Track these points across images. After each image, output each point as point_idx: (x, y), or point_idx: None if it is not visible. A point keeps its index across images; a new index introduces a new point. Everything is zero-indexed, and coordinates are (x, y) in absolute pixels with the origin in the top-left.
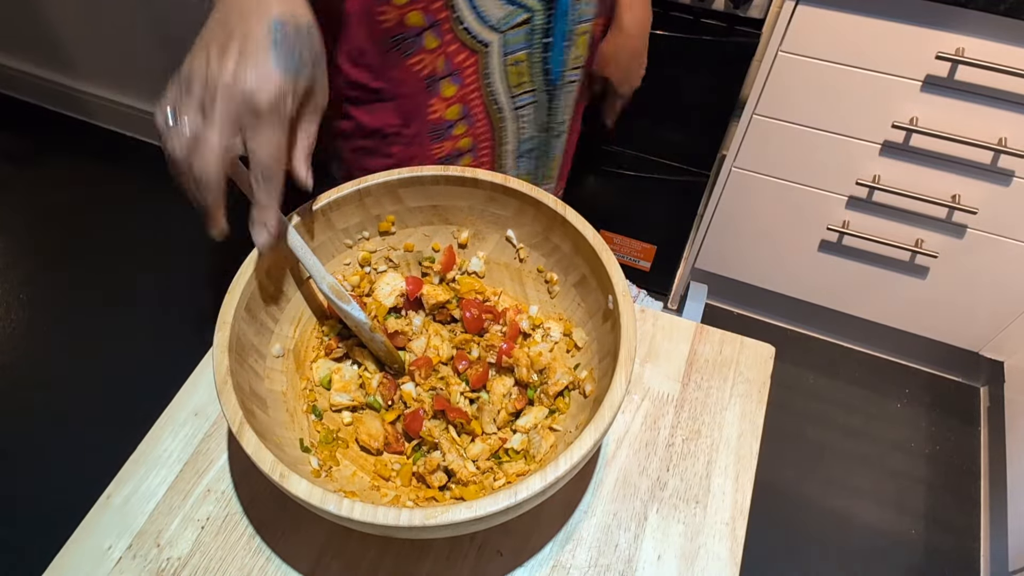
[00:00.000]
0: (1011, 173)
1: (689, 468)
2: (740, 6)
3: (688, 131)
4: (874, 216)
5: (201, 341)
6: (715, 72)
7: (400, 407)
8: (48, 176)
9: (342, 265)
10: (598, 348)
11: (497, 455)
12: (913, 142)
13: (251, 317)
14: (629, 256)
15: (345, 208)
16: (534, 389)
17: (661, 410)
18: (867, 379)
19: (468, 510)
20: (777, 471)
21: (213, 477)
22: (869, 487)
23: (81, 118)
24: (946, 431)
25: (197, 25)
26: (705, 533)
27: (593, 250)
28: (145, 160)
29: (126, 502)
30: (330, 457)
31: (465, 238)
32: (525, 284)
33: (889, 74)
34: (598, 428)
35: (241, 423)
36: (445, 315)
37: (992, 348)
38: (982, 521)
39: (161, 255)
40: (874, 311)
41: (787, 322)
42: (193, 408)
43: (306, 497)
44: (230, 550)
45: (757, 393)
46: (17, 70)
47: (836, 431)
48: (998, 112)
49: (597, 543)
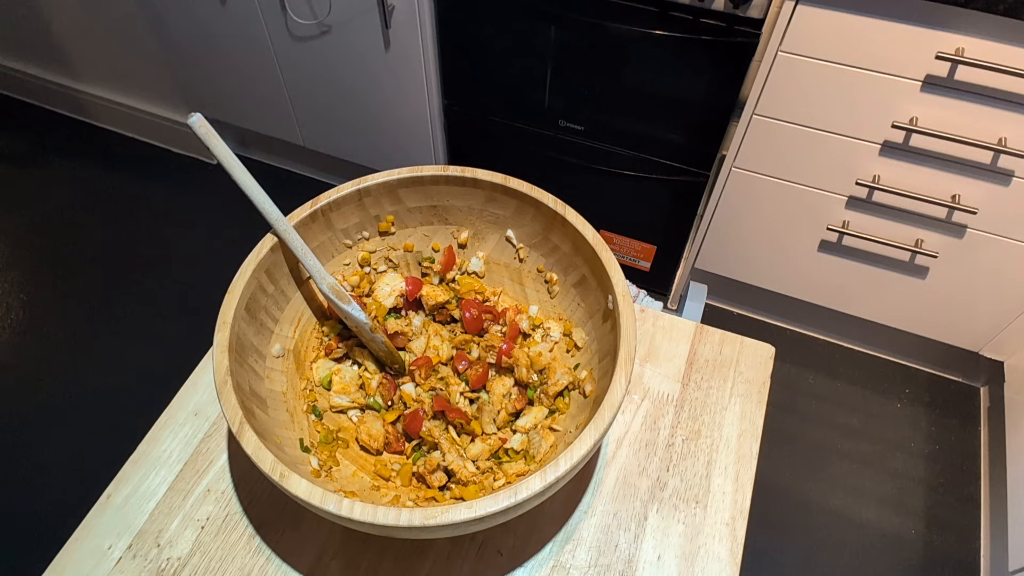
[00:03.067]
0: (1011, 173)
1: (689, 468)
2: (740, 6)
3: (688, 131)
4: (874, 216)
5: (201, 341)
6: (715, 72)
7: (400, 407)
8: (48, 176)
9: (342, 265)
10: (598, 348)
11: (497, 455)
12: (913, 142)
13: (251, 317)
14: (629, 256)
15: (344, 208)
16: (534, 389)
17: (661, 410)
18: (867, 379)
19: (468, 510)
20: (777, 471)
21: (213, 477)
22: (869, 487)
23: (81, 118)
24: (946, 431)
25: (197, 25)
26: (705, 533)
27: (593, 250)
28: (145, 160)
29: (126, 502)
30: (330, 457)
31: (465, 238)
32: (525, 284)
33: (889, 74)
34: (598, 428)
35: (241, 423)
36: (445, 315)
37: (992, 348)
38: (982, 521)
39: (161, 255)
40: (874, 311)
41: (787, 322)
42: (193, 408)
43: (306, 497)
44: (230, 550)
45: (757, 393)
46: (17, 70)
47: (836, 431)
48: (998, 112)
49: (597, 543)
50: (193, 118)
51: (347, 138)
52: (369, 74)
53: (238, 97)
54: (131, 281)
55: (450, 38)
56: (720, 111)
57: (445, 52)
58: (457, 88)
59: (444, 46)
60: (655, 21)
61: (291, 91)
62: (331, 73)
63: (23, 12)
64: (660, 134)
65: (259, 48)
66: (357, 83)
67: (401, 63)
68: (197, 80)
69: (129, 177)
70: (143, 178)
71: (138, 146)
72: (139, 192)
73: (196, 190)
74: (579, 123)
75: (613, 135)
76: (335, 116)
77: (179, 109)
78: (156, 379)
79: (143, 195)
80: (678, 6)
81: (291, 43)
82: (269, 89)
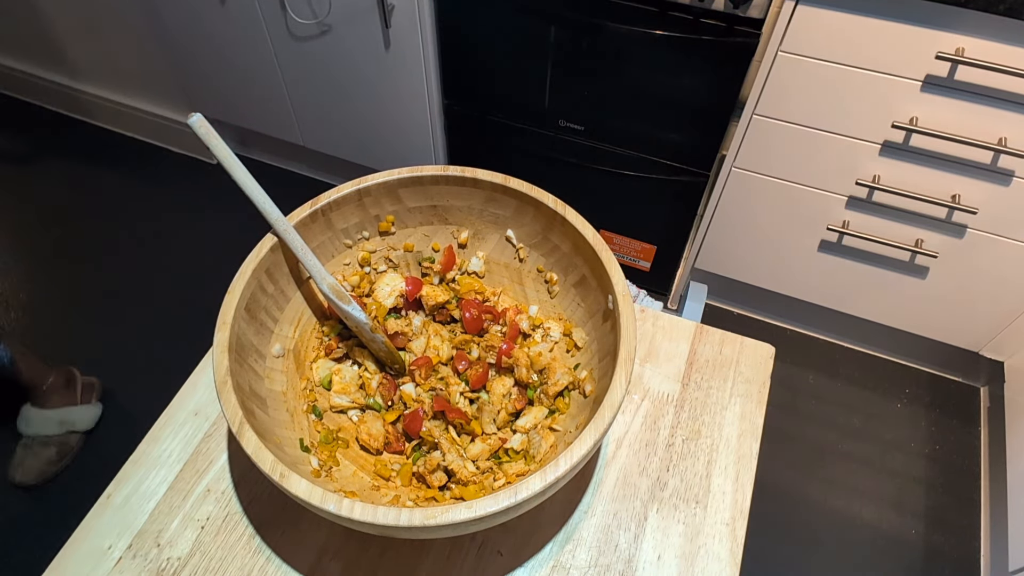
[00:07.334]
0: (1011, 173)
1: (689, 468)
2: (740, 6)
3: (688, 131)
4: (874, 216)
5: (201, 341)
6: (715, 72)
7: (400, 407)
8: (48, 176)
9: (342, 265)
10: (598, 348)
11: (497, 455)
12: (913, 142)
13: (251, 317)
14: (629, 256)
15: (344, 208)
16: (534, 389)
17: (661, 410)
18: (867, 379)
19: (468, 510)
20: (777, 471)
21: (213, 477)
22: (869, 487)
23: (81, 118)
24: (946, 431)
25: (197, 25)
26: (705, 533)
27: (593, 250)
28: (144, 160)
29: (126, 502)
30: (330, 457)
31: (465, 238)
32: (525, 284)
33: (889, 74)
34: (598, 428)
35: (241, 423)
36: (445, 315)
37: (992, 348)
38: (982, 521)
39: (160, 255)
40: (874, 311)
41: (787, 322)
42: (193, 408)
43: (306, 497)
44: (230, 550)
45: (757, 393)
46: (17, 70)
47: (836, 431)
48: (998, 112)
49: (597, 543)
50: (193, 118)
51: (347, 138)
52: (369, 74)
53: (238, 97)
54: (131, 281)
55: (450, 38)
56: (720, 111)
57: (445, 52)
58: (457, 88)
59: (444, 46)
60: (655, 21)
61: (291, 91)
62: (331, 73)
63: (23, 12)
64: (660, 134)
65: (259, 48)
66: (357, 83)
67: (401, 63)
68: (197, 80)
69: (129, 177)
70: (143, 178)
71: (138, 146)
72: (139, 192)
73: (196, 190)
74: (579, 123)
75: (613, 135)
76: (335, 116)
77: (179, 109)
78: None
79: (143, 195)
80: (678, 6)
81: (291, 43)
82: (269, 89)
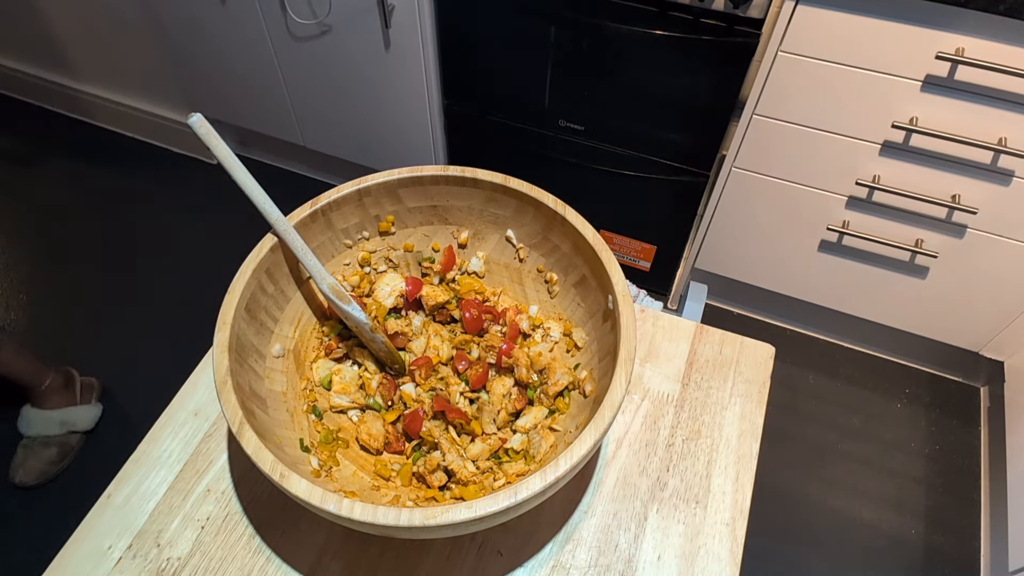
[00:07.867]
0: (1011, 173)
1: (689, 468)
2: (740, 6)
3: (688, 131)
4: (874, 216)
5: (201, 341)
6: (715, 72)
7: (400, 407)
8: (48, 176)
9: (342, 265)
10: (598, 348)
11: (497, 455)
12: (913, 142)
13: (251, 317)
14: (629, 256)
15: (344, 208)
16: (534, 389)
17: (661, 410)
18: (867, 379)
19: (468, 510)
20: (777, 471)
21: (213, 477)
22: (869, 487)
23: (81, 118)
24: (946, 431)
25: (196, 25)
26: (705, 533)
27: (593, 250)
28: (144, 160)
29: (126, 502)
30: (330, 457)
31: (465, 238)
32: (525, 284)
33: (889, 74)
34: (598, 428)
35: (241, 423)
36: (445, 315)
37: (992, 348)
38: (982, 521)
39: (160, 255)
40: (874, 311)
41: (787, 322)
42: (193, 408)
43: (306, 497)
44: (230, 550)
45: (757, 393)
46: (17, 70)
47: (836, 431)
48: (998, 112)
49: (597, 543)
50: (193, 118)
51: (347, 138)
52: (369, 74)
53: (238, 97)
54: (131, 281)
55: (450, 38)
56: (720, 111)
57: (445, 52)
58: (457, 88)
59: (444, 46)
60: (655, 21)
61: (291, 91)
62: (331, 73)
63: (23, 12)
64: (660, 134)
65: (259, 48)
66: (357, 83)
67: (401, 63)
68: (197, 80)
69: (129, 177)
70: (143, 178)
71: (138, 146)
72: (139, 192)
73: (196, 190)
74: (579, 123)
75: (613, 135)
76: (335, 116)
77: (179, 109)
78: (156, 379)
79: (143, 195)
80: (678, 6)
81: (291, 43)
82: (269, 89)
